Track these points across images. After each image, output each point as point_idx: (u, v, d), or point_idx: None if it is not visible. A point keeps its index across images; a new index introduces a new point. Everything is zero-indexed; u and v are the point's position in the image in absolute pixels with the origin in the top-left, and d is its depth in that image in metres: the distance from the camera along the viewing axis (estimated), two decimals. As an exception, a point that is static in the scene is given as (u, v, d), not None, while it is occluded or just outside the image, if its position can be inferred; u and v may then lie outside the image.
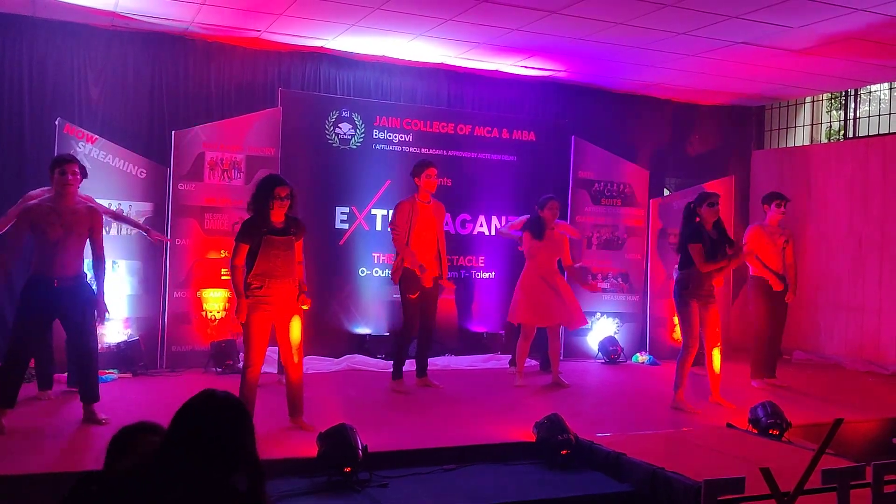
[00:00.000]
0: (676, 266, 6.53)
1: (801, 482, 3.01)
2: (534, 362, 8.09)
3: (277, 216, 5.25)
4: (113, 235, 7.29)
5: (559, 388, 7.11)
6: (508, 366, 8.04)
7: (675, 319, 7.52)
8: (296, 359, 5.34)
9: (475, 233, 8.97)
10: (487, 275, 8.98)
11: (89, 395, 5.41)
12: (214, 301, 7.63)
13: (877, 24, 6.88)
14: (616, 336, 8.98)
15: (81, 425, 5.33)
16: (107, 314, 5.68)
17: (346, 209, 8.40)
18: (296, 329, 5.33)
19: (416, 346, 7.08)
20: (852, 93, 9.93)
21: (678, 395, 6.34)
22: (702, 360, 6.53)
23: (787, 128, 10.62)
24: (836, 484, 3.16)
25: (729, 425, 5.70)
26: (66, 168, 5.36)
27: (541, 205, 7.23)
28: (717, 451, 5.03)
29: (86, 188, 7.15)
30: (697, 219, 6.33)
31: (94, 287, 5.52)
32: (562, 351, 7.58)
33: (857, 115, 9.97)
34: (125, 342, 7.23)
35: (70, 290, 5.32)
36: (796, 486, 3.01)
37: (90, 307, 5.43)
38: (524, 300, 7.17)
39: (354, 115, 8.41)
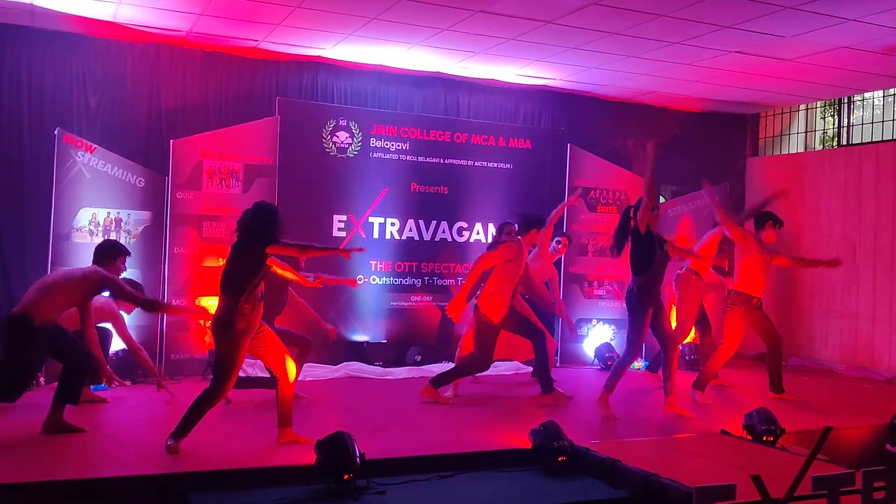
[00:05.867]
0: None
1: (791, 489, 3.06)
2: (528, 368, 8.13)
3: None
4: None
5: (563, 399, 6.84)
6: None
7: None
8: None
9: (472, 240, 9.02)
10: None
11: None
12: (212, 309, 7.63)
13: (869, 33, 6.95)
14: (612, 343, 9.03)
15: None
16: None
17: (344, 217, 8.44)
18: None
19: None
20: (846, 100, 10.00)
21: (605, 396, 6.24)
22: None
23: (781, 135, 10.69)
24: (825, 490, 3.20)
25: (723, 432, 5.74)
26: None
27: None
28: (711, 457, 5.07)
29: (85, 198, 7.23)
30: (633, 222, 6.26)
31: None
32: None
33: (851, 123, 10.03)
34: (124, 350, 7.24)
35: None
36: (786, 492, 3.05)
37: None
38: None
39: (352, 124, 8.46)
